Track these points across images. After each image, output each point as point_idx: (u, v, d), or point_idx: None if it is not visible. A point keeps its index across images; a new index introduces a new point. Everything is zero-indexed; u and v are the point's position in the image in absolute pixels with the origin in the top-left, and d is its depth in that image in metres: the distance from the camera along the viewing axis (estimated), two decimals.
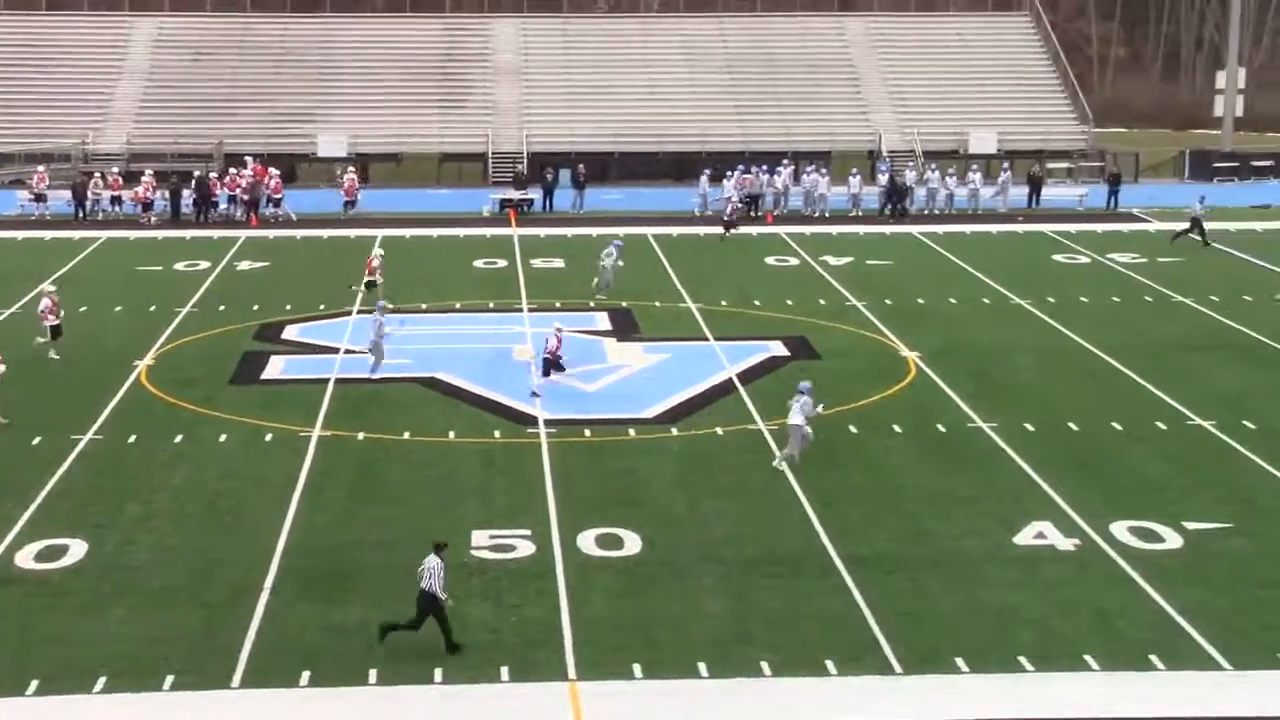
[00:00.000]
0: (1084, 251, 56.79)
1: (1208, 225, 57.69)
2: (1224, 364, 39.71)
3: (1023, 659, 22.66)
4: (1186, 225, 57.97)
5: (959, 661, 22.59)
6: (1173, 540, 27.34)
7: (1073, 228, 62.12)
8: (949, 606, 24.59)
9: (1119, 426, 34.24)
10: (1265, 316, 44.90)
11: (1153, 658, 22.67)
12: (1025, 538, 27.53)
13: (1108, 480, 30.65)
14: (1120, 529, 27.84)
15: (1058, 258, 55.78)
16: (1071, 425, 34.31)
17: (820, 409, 31.92)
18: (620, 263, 48.29)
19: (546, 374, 36.95)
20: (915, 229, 62.04)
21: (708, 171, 66.79)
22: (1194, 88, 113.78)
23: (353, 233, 59.48)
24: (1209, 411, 35.11)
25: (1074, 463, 31.72)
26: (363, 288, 45.96)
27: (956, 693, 21.75)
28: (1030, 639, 23.35)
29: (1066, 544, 27.21)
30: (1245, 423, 34.25)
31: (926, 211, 66.38)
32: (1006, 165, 70.02)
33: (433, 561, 22.80)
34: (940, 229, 61.99)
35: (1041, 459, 31.86)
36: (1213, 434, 33.62)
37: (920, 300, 47.79)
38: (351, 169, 67.19)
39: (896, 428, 34.24)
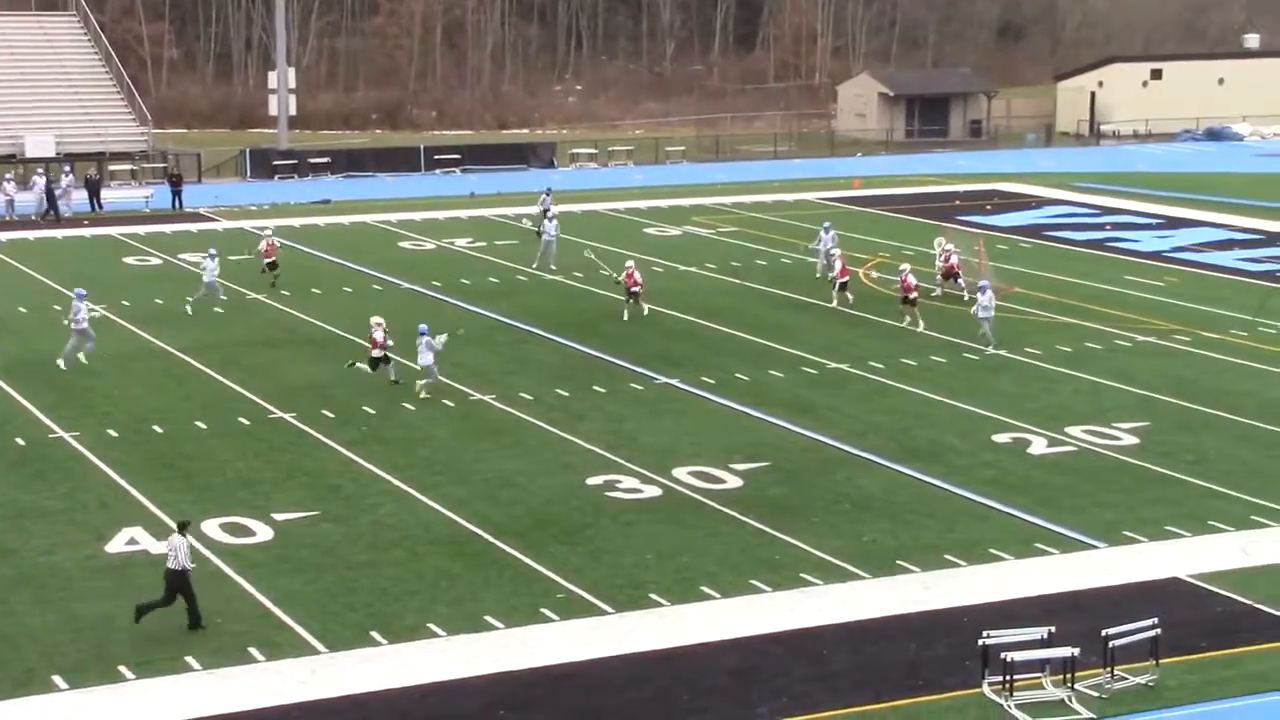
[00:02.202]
0: (155, 253, 56.59)
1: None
2: (299, 357, 40.78)
3: (123, 668, 22.34)
4: (536, 219, 58.41)
5: (57, 679, 21.96)
6: (264, 533, 27.82)
7: (141, 229, 61.75)
8: (42, 623, 23.85)
9: (203, 425, 34.41)
10: (334, 309, 46.48)
11: (252, 650, 22.99)
12: (117, 545, 27.15)
13: (196, 479, 30.76)
14: (212, 526, 28.01)
15: (129, 260, 55.27)
16: (156, 428, 34.14)
17: (445, 337, 36.46)
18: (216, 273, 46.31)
19: (374, 367, 37.25)
20: None
21: None
22: (249, 87, 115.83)
23: None
24: (290, 404, 35.97)
25: (161, 465, 31.62)
26: None
27: (56, 713, 21.12)
28: (129, 647, 23.05)
29: (160, 547, 26.99)
30: (325, 412, 35.37)
31: None
32: (68, 169, 68.45)
33: (177, 540, 23.50)
34: (4, 236, 59.86)
35: (128, 464, 31.52)
36: (295, 425, 34.48)
37: None
38: None
39: None
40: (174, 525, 24.51)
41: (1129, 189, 74.76)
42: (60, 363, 39.15)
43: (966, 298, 47.69)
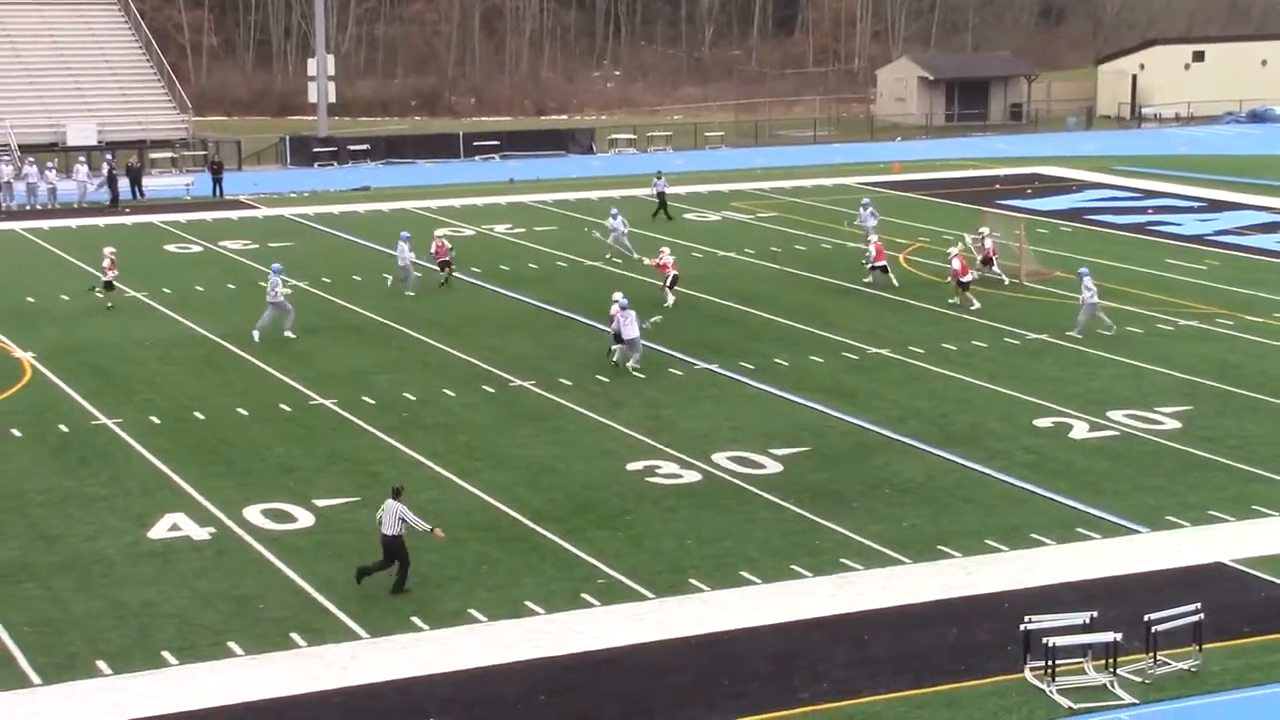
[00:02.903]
0: (196, 240, 56.83)
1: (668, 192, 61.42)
2: (340, 343, 40.91)
3: (166, 654, 22.46)
4: (656, 204, 60.38)
5: (101, 665, 22.10)
6: (305, 519, 27.92)
7: (182, 217, 62.03)
8: (86, 609, 23.99)
9: (245, 412, 34.55)
10: (374, 296, 46.59)
11: (294, 635, 23.08)
12: (160, 531, 27.28)
13: (237, 466, 30.88)
14: (253, 513, 28.14)
15: (170, 248, 55.54)
16: (198, 415, 34.30)
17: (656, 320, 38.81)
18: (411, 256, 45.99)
19: (617, 339, 37.93)
20: (18, 225, 59.93)
21: None
22: (288, 74, 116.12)
23: None
24: (330, 390, 36.09)
25: (203, 451, 31.75)
26: None
27: (101, 697, 21.24)
28: (172, 633, 23.18)
29: (202, 533, 27.21)
30: (365, 399, 35.47)
31: (28, 207, 64.29)
32: (110, 157, 68.79)
33: (391, 505, 24.34)
34: (45, 224, 60.20)
35: (170, 451, 31.67)
36: (335, 412, 34.58)
37: (31, 299, 46.23)
38: None
39: (16, 431, 33.00)
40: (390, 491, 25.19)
41: (1171, 172, 74.33)
42: (254, 333, 40.91)
43: (1008, 282, 47.53)
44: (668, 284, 44.79)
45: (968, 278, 44.52)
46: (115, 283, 45.21)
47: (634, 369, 37.33)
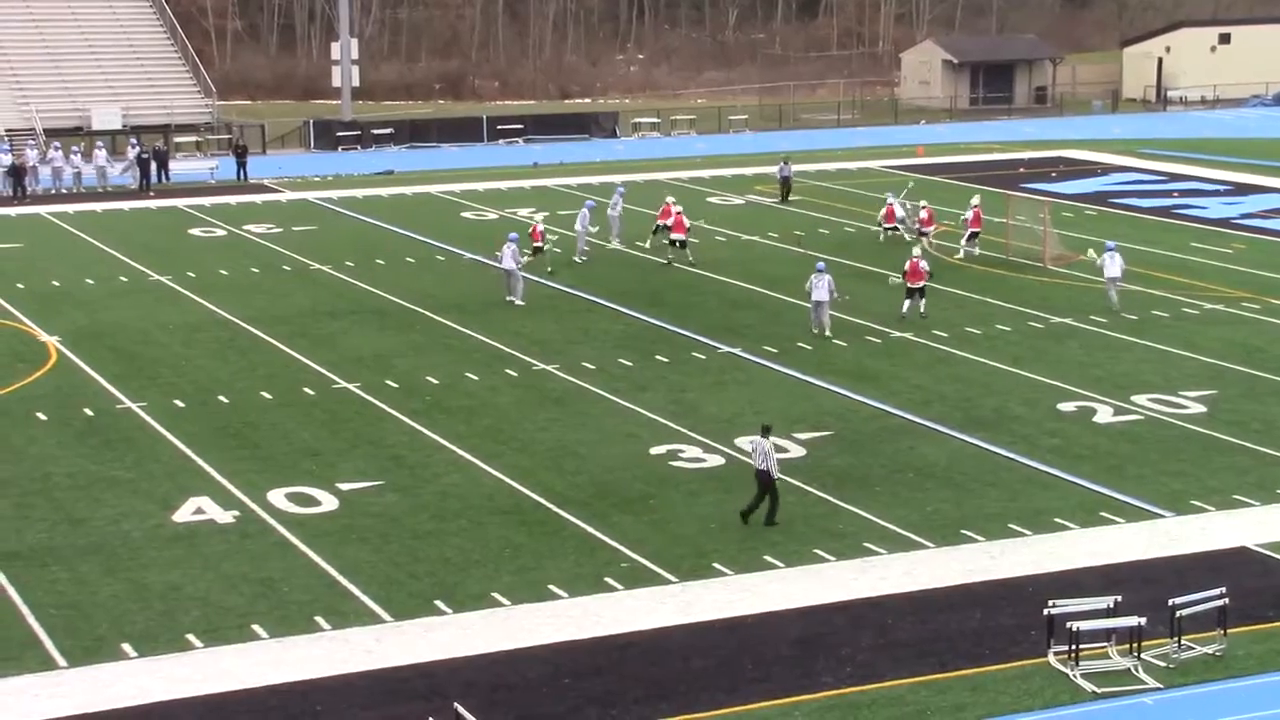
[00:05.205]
0: (220, 224, 56.93)
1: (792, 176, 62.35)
2: (363, 327, 40.96)
3: (191, 636, 22.54)
4: (780, 186, 61.86)
5: (126, 647, 22.18)
6: (329, 503, 27.98)
7: (207, 201, 62.14)
8: (111, 592, 24.09)
9: (269, 395, 34.63)
10: (397, 279, 46.64)
11: (318, 619, 23.14)
12: (184, 515, 27.37)
13: (262, 449, 30.95)
14: (277, 496, 28.21)
15: (194, 232, 55.66)
16: (222, 398, 34.38)
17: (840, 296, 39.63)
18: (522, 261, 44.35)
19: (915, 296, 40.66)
20: (43, 209, 60.10)
21: None
22: (312, 59, 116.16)
23: None
24: (354, 374, 36.15)
25: (227, 435, 31.83)
26: None
27: (126, 680, 21.32)
28: (197, 616, 23.25)
29: (226, 517, 27.29)
30: (388, 382, 35.51)
31: (53, 191, 64.46)
32: (134, 141, 68.92)
33: (760, 442, 26.27)
34: (70, 208, 60.35)
35: (195, 434, 31.76)
36: (359, 395, 34.64)
37: (56, 283, 46.37)
38: None
39: (41, 415, 33.12)
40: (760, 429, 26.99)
41: (1196, 155, 74.02)
42: (516, 300, 43.07)
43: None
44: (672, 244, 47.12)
45: (930, 229, 48.54)
46: (544, 248, 46.52)
47: (826, 333, 39.04)
